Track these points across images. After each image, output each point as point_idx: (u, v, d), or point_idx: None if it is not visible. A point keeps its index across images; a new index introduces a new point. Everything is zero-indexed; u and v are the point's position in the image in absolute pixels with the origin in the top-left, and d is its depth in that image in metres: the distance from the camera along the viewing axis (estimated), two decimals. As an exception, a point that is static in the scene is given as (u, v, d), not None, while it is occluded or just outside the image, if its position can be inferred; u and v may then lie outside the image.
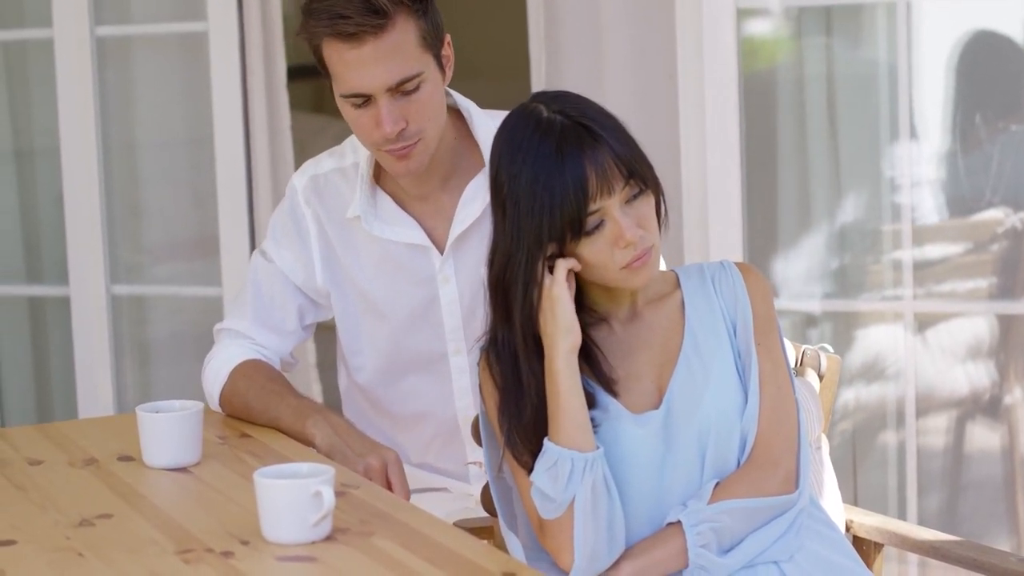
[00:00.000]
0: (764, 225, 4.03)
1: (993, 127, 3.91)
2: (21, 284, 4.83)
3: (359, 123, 2.69)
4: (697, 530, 2.29)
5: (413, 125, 2.66)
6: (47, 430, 2.78)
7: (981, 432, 4.00)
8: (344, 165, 2.86)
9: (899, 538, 2.67)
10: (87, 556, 2.08)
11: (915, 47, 3.90)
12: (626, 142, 2.31)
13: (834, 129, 3.99)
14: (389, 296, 2.85)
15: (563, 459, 2.26)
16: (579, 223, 2.25)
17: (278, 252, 2.89)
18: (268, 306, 2.88)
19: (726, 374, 2.37)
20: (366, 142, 2.73)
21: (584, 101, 2.34)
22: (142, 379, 4.70)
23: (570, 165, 2.24)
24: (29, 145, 4.77)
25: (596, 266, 2.29)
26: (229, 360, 2.83)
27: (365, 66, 2.62)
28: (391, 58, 2.62)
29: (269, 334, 2.88)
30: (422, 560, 2.02)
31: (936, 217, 3.95)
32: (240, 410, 2.78)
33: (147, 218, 4.69)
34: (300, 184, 2.88)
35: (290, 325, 2.89)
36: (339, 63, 2.65)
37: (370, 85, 2.63)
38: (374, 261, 2.84)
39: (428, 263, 2.82)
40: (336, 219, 2.85)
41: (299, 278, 2.88)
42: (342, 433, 2.61)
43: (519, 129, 2.30)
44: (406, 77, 2.63)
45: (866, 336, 4.04)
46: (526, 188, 2.26)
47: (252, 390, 2.77)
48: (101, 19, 4.49)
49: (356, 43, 2.62)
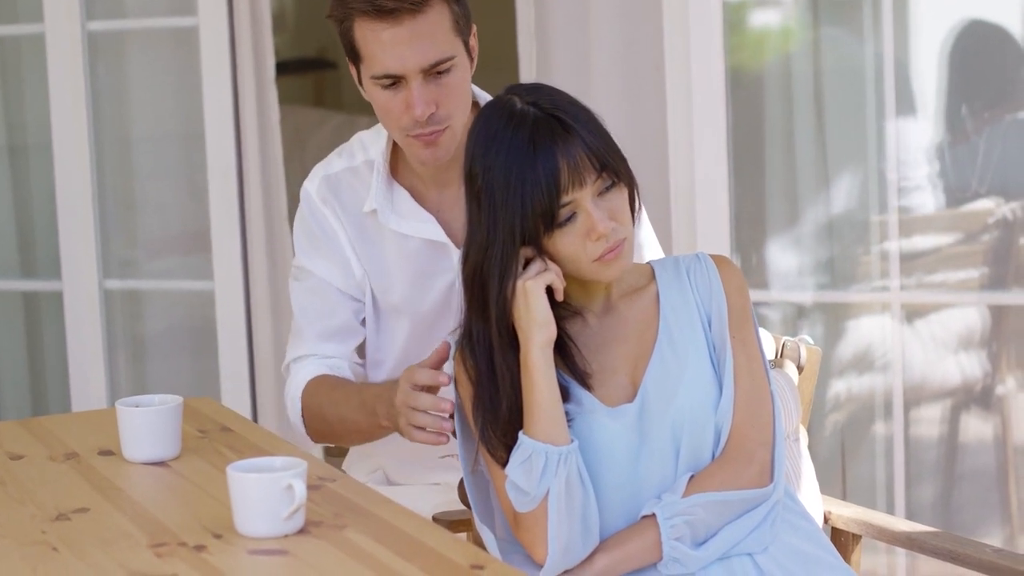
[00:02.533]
0: (752, 216, 4.04)
1: (985, 117, 3.91)
2: (15, 279, 4.85)
3: (388, 106, 2.66)
4: (671, 523, 2.29)
5: (443, 109, 2.65)
6: (30, 425, 2.79)
7: (973, 423, 4.00)
8: (355, 164, 2.84)
9: (876, 529, 2.67)
10: (61, 550, 2.10)
11: (904, 36, 3.90)
12: (599, 134, 2.31)
13: (822, 119, 4.00)
14: (408, 293, 2.82)
15: (537, 452, 2.26)
16: (551, 215, 2.25)
17: (312, 263, 2.85)
18: (322, 319, 2.84)
19: (701, 367, 2.38)
20: (393, 127, 2.70)
21: (558, 93, 2.34)
22: (136, 374, 4.72)
23: (542, 157, 2.25)
24: (22, 140, 4.79)
25: (569, 258, 2.29)
26: (296, 391, 2.80)
27: (401, 45, 2.60)
28: (427, 39, 2.61)
29: (331, 344, 2.84)
30: (392, 553, 2.03)
31: (926, 207, 3.96)
32: (326, 435, 2.78)
33: (140, 213, 4.71)
34: (313, 187, 2.85)
35: (349, 326, 2.85)
36: (374, 42, 2.62)
37: (405, 66, 2.61)
38: (392, 257, 2.82)
39: (446, 258, 2.79)
40: (353, 216, 2.82)
41: (340, 281, 2.84)
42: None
43: (493, 120, 2.31)
44: (440, 59, 2.62)
45: (855, 327, 4.04)
46: (500, 180, 2.26)
47: (324, 407, 2.74)
48: (92, 14, 4.50)
49: (393, 22, 2.60)
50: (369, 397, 2.65)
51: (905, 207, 3.89)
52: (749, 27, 4.11)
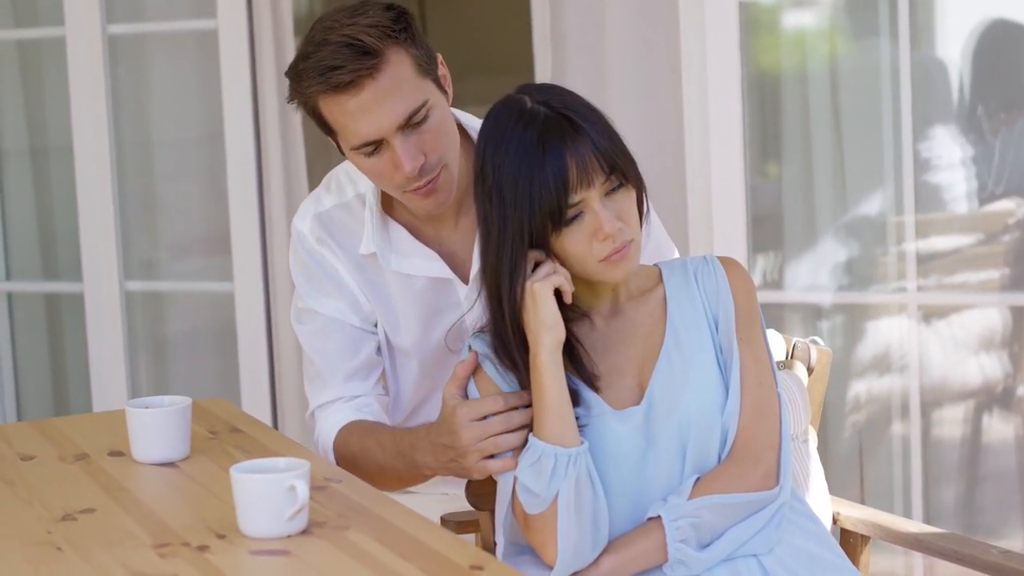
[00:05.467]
0: (768, 218, 4.03)
1: (1002, 118, 3.90)
2: (37, 281, 4.87)
3: (377, 170, 2.57)
4: (676, 525, 2.29)
5: (432, 156, 2.55)
6: (42, 426, 2.81)
7: (994, 424, 3.99)
8: (346, 199, 2.74)
9: (884, 530, 2.67)
10: (65, 550, 2.11)
11: (924, 37, 3.89)
12: (609, 136, 2.31)
13: (838, 121, 3.99)
14: (418, 335, 2.73)
15: (547, 454, 2.27)
16: (559, 214, 2.26)
17: (318, 303, 2.75)
18: (342, 360, 2.75)
19: (707, 370, 2.37)
20: (388, 187, 2.60)
21: (568, 94, 2.34)
22: (158, 374, 4.74)
23: (551, 156, 2.25)
24: (44, 143, 4.82)
25: (576, 258, 2.30)
26: (327, 442, 2.71)
27: (370, 111, 2.50)
28: (394, 95, 2.50)
29: (354, 382, 2.75)
30: (393, 553, 2.04)
31: (946, 208, 3.95)
32: (368, 482, 2.56)
33: (160, 215, 4.73)
34: (305, 227, 2.75)
35: (371, 360, 2.76)
36: (341, 115, 2.52)
37: (380, 129, 2.51)
38: (397, 297, 2.73)
39: (453, 293, 2.71)
40: (351, 255, 2.72)
41: (352, 316, 2.74)
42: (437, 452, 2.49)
43: (503, 119, 2.31)
44: (413, 110, 2.52)
45: (873, 329, 4.04)
46: (509, 178, 2.27)
47: (359, 458, 2.64)
48: (113, 17, 4.53)
49: (355, 90, 2.49)
50: (406, 447, 2.55)
51: (924, 208, 3.88)
52: (780, 29, 4.10)
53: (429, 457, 2.48)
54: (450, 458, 2.43)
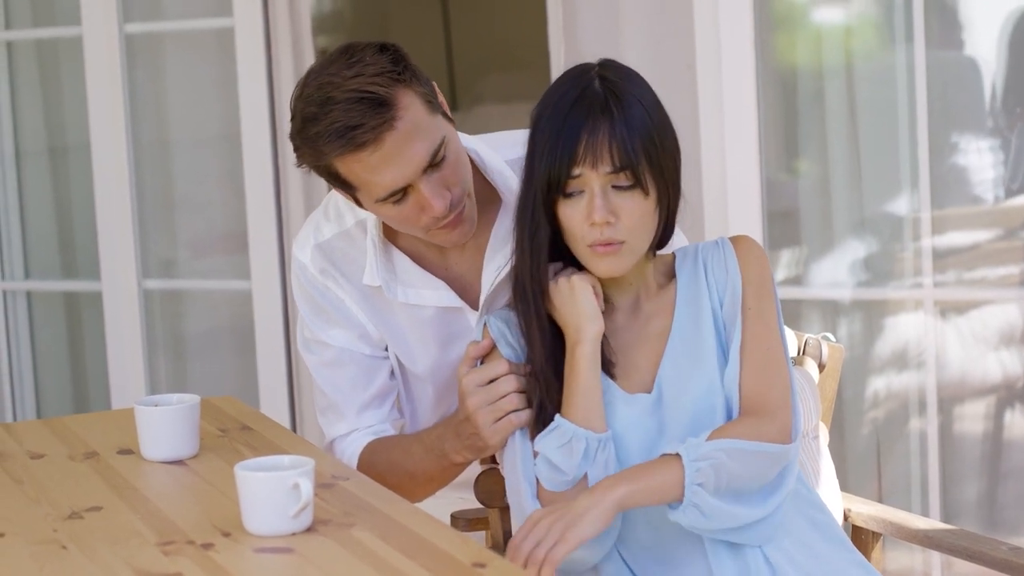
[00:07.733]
0: (784, 213, 4.02)
1: (1018, 112, 3.88)
2: (56, 280, 4.89)
3: (403, 216, 2.49)
4: (696, 466, 2.24)
5: (456, 189, 2.48)
6: (53, 424, 2.82)
7: (1015, 420, 3.98)
8: (346, 227, 2.66)
9: (895, 527, 2.66)
10: (70, 548, 2.11)
11: (942, 34, 3.88)
12: (641, 137, 2.30)
13: (855, 117, 3.98)
14: (431, 357, 2.67)
15: (578, 437, 2.30)
16: (558, 181, 2.29)
17: (327, 334, 2.68)
18: (356, 391, 2.69)
19: (713, 358, 2.37)
20: (415, 229, 2.52)
21: (637, 85, 2.38)
22: (176, 372, 4.75)
23: (571, 122, 2.28)
24: (62, 142, 4.83)
25: (570, 235, 2.33)
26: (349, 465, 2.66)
27: (392, 162, 2.41)
28: (414, 139, 2.42)
29: (370, 411, 2.69)
30: (396, 551, 2.04)
31: (965, 204, 3.93)
32: (399, 491, 2.51)
33: (178, 213, 4.74)
34: (306, 258, 2.67)
35: (385, 387, 2.71)
36: (364, 171, 2.42)
37: (405, 176, 2.43)
38: (407, 327, 2.66)
39: (463, 319, 2.64)
40: (356, 285, 2.66)
41: (362, 345, 2.68)
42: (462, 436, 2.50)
43: (566, 74, 2.38)
44: (434, 150, 2.44)
45: (892, 325, 4.02)
46: (540, 130, 2.31)
47: (386, 474, 2.58)
48: (130, 16, 4.54)
49: (376, 144, 2.39)
50: (432, 441, 2.55)
51: (942, 204, 3.87)
52: (805, 25, 4.09)
53: (454, 441, 2.50)
54: (469, 433, 2.45)
